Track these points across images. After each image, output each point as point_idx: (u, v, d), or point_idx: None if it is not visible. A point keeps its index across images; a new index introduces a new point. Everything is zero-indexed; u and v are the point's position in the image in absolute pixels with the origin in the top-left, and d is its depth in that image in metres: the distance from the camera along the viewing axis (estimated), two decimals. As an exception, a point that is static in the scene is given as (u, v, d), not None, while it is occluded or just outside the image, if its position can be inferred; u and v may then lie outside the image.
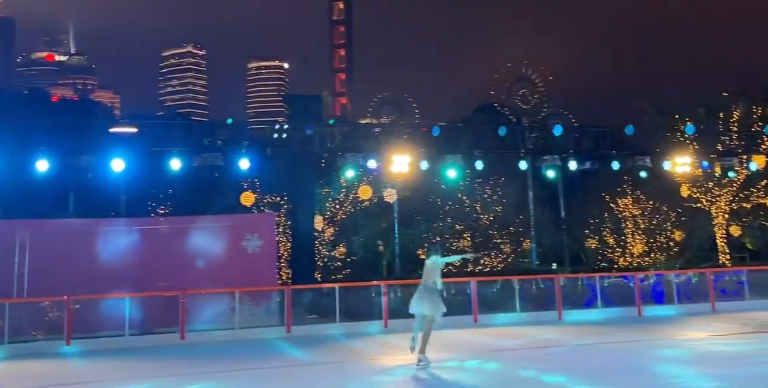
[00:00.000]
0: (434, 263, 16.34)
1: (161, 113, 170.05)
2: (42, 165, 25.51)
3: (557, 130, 31.88)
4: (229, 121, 30.42)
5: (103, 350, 20.52)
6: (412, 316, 18.99)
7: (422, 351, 15.71)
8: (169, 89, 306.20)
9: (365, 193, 35.61)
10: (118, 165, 26.37)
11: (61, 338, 21.32)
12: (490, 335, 21.72)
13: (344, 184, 37.03)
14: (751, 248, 44.62)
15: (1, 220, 24.65)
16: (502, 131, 31.27)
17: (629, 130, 32.03)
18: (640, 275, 28.53)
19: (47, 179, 26.55)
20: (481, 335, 21.86)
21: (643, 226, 40.13)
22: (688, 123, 37.07)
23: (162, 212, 38.08)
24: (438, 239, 36.14)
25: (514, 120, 41.33)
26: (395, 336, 21.58)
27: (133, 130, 33.04)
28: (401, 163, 29.57)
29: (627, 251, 40.25)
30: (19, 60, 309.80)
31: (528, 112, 41.95)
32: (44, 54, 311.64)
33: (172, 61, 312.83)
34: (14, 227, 23.91)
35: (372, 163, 29.68)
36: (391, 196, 36.02)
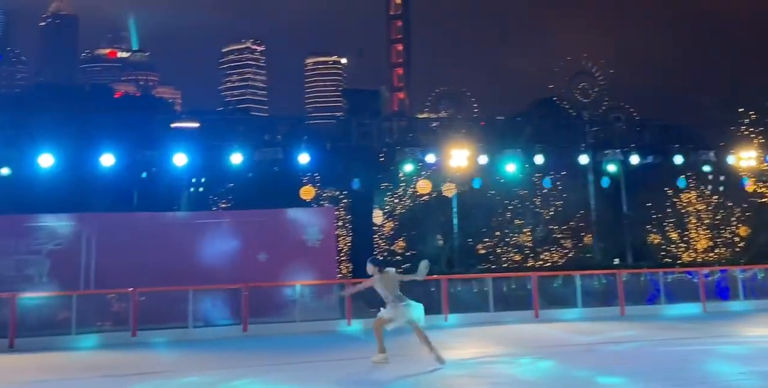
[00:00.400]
0: (395, 275, 15.67)
1: (221, 108, 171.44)
2: (106, 160, 26.02)
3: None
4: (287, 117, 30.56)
5: (167, 342, 20.81)
6: (474, 310, 19.03)
7: (435, 352, 15.21)
8: (229, 85, 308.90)
9: (424, 187, 35.56)
10: (180, 160, 26.77)
11: (127, 329, 21.67)
12: (553, 330, 21.53)
13: (403, 178, 37.06)
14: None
15: (68, 213, 25.03)
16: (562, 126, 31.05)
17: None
18: (705, 270, 27.99)
19: (112, 174, 27.07)
20: (543, 330, 21.68)
21: (707, 221, 39.48)
22: (753, 116, 36.41)
23: (223, 205, 38.53)
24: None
25: (574, 114, 40.88)
26: (454, 330, 21.55)
27: (195, 125, 33.42)
28: (460, 157, 29.49)
29: (691, 246, 39.65)
30: (82, 57, 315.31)
31: (588, 105, 41.44)
32: (107, 51, 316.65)
33: (232, 57, 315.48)
34: (80, 220, 24.36)
35: (430, 158, 29.63)
36: (450, 190, 35.89)
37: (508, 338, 20.01)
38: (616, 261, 36.28)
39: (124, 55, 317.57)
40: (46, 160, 25.46)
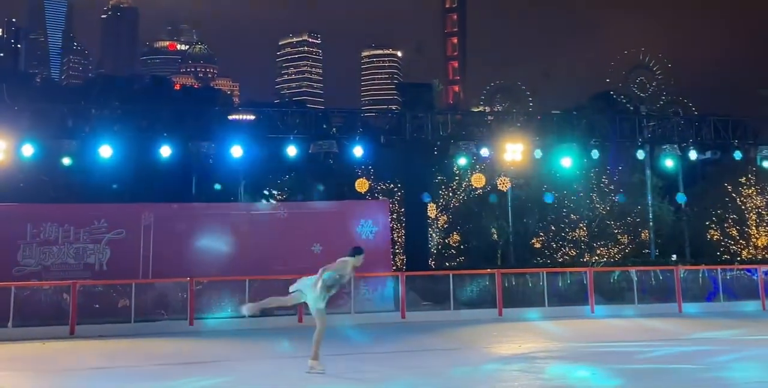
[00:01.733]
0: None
1: (277, 101, 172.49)
2: (165, 151, 26.31)
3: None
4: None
5: (224, 331, 21.00)
6: (530, 304, 18.75)
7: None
8: (285, 77, 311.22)
9: (478, 181, 35.38)
10: (236, 151, 26.99)
11: (184, 317, 21.92)
12: (603, 327, 21.32)
13: (457, 172, 36.96)
14: None
15: (128, 203, 25.44)
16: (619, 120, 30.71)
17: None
18: (765, 268, 27.44)
19: (170, 164, 27.37)
20: (596, 327, 21.47)
21: (767, 217, 38.84)
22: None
23: (279, 197, 38.79)
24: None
25: (632, 108, 40.39)
26: (509, 325, 21.42)
27: (251, 117, 33.69)
28: (515, 151, 29.31)
29: (751, 243, 38.98)
30: (143, 49, 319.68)
31: (646, 100, 40.91)
32: (167, 43, 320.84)
33: (289, 49, 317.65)
34: (140, 209, 24.70)
35: (485, 151, 29.47)
36: (504, 184, 35.68)
37: (562, 331, 19.85)
38: (674, 257, 35.79)
39: (184, 47, 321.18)
40: (105, 151, 25.84)
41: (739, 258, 37.62)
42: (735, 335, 19.39)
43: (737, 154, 31.21)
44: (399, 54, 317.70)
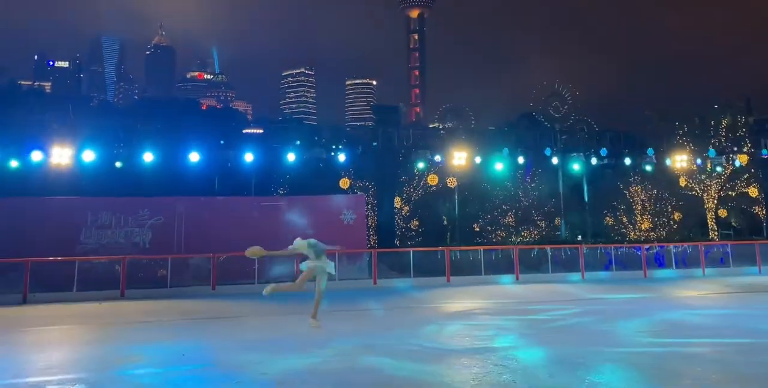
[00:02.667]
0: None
1: (281, 118, 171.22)
2: (194, 156, 26.25)
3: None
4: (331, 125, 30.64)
5: (238, 294, 20.93)
6: (471, 273, 18.72)
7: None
8: (287, 100, 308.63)
9: (433, 180, 35.46)
10: (249, 157, 27.02)
11: (208, 284, 21.87)
12: (525, 290, 21.53)
13: (417, 173, 37.01)
14: (735, 226, 43.08)
15: (165, 197, 25.26)
16: (539, 134, 30.95)
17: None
18: (647, 245, 27.79)
19: (198, 167, 27.27)
20: (521, 290, 21.67)
21: (649, 208, 39.26)
22: (685, 127, 36.11)
23: (281, 192, 38.62)
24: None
25: (548, 125, 40.67)
26: (455, 289, 21.57)
27: (260, 131, 33.60)
28: (460, 157, 29.51)
29: (636, 227, 39.39)
30: (177, 78, 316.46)
31: (559, 119, 41.20)
32: (196, 74, 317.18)
33: (290, 79, 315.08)
34: (175, 202, 24.53)
35: (438, 158, 29.69)
36: (452, 182, 35.77)
37: (494, 294, 20.00)
38: (579, 238, 36.09)
39: (209, 77, 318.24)
40: (148, 157, 25.71)
41: (627, 238, 38.00)
42: (622, 296, 19.66)
43: (627, 160, 31.60)
44: (374, 83, 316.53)
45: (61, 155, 24.97)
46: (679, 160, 33.43)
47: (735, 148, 36.18)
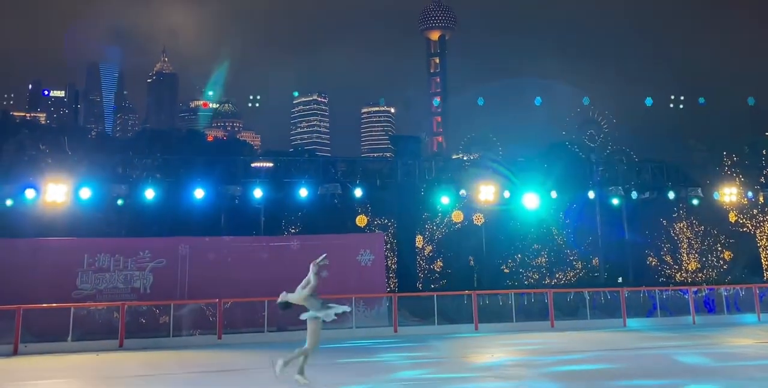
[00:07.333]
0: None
1: (291, 150, 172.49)
2: (199, 193, 26.45)
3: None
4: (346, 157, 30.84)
5: (247, 344, 20.89)
6: (501, 320, 18.50)
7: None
8: (299, 130, 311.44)
9: (458, 217, 35.49)
10: (258, 193, 27.19)
11: (214, 332, 21.84)
12: (561, 339, 21.28)
13: (440, 209, 37.04)
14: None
15: (167, 237, 25.45)
16: (573, 165, 30.91)
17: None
18: (695, 288, 27.46)
19: (203, 204, 27.44)
20: (557, 339, 21.41)
21: (696, 246, 38.93)
22: (734, 158, 35.97)
23: (293, 231, 38.75)
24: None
25: (583, 156, 40.66)
26: (484, 338, 21.38)
27: (270, 164, 33.82)
28: (487, 192, 29.40)
29: (683, 267, 39.02)
30: (180, 107, 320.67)
31: (595, 149, 41.21)
32: (200, 102, 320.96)
33: (301, 107, 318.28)
34: (178, 242, 24.63)
35: (463, 192, 29.62)
36: (479, 219, 35.75)
37: (528, 342, 19.78)
38: (620, 280, 35.75)
39: (214, 105, 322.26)
40: (149, 193, 25.98)
41: (673, 280, 37.59)
42: (666, 346, 19.35)
43: (671, 194, 31.41)
44: (392, 110, 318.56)
45: (55, 192, 25.12)
46: (728, 194, 33.18)
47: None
